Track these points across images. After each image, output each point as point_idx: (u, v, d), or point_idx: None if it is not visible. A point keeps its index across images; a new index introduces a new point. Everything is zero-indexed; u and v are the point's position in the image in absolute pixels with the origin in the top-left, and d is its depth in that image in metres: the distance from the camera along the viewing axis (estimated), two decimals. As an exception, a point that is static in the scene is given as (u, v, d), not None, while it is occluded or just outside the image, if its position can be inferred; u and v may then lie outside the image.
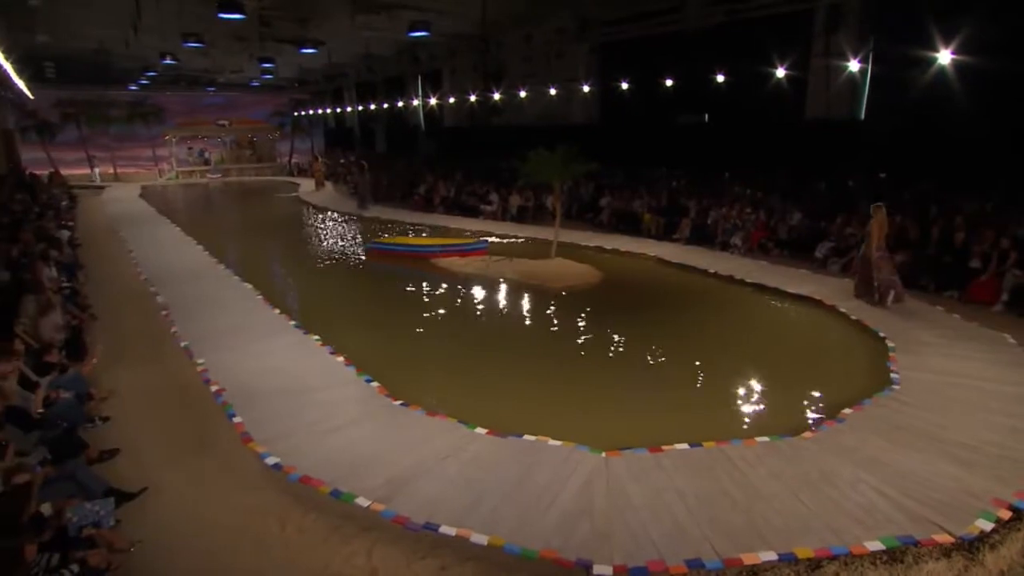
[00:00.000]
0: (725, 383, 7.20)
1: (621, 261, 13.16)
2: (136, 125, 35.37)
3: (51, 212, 16.45)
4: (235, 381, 6.85)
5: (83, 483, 4.54)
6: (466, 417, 6.02)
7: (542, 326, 9.41)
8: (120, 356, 7.76)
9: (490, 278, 11.79)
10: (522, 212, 18.26)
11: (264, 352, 7.71)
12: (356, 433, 5.76)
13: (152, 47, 21.33)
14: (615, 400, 6.77)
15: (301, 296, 11.35)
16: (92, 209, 22.69)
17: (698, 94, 17.51)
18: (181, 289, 10.73)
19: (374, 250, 14.38)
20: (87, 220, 19.64)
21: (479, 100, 23.55)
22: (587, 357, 8.04)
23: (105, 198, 26.28)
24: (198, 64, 27.81)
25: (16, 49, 17.62)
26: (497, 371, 7.57)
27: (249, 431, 5.78)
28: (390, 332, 9.02)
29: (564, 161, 11.47)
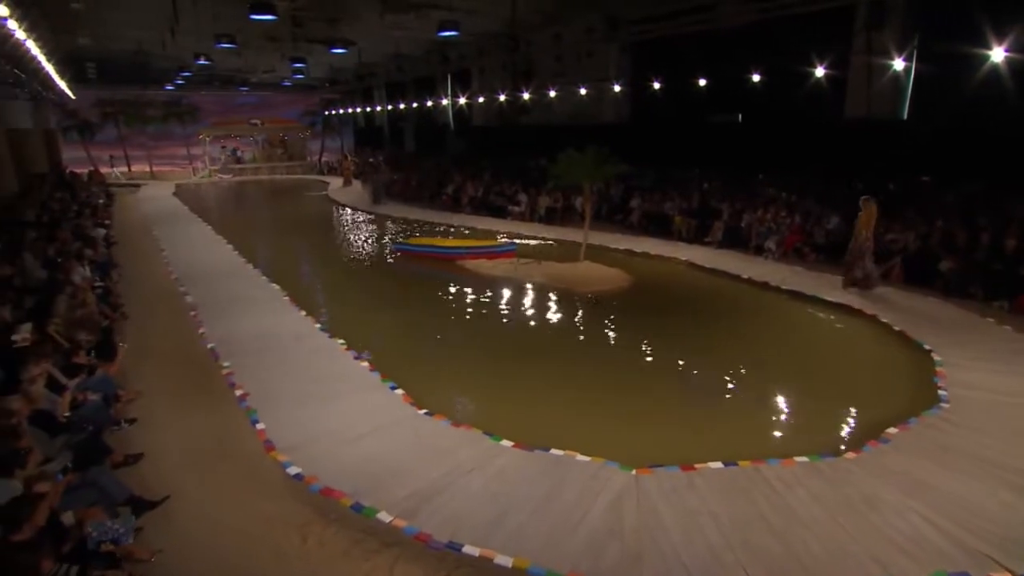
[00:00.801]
0: (760, 396, 6.93)
1: (651, 265, 12.90)
2: (172, 124, 36.04)
3: (88, 210, 16.72)
4: (260, 386, 6.81)
5: (106, 490, 4.50)
6: (491, 427, 5.87)
7: (570, 332, 9.23)
8: (148, 356, 7.81)
9: (517, 281, 11.64)
10: (550, 213, 18.04)
11: (289, 356, 7.68)
12: (379, 443, 5.65)
13: (188, 48, 21.61)
14: (644, 411, 6.55)
15: (327, 297, 11.33)
16: (128, 207, 23.10)
17: (731, 93, 17.09)
18: (210, 289, 10.79)
19: (401, 251, 14.33)
20: (123, 218, 20.00)
21: (508, 99, 23.40)
22: (615, 365, 7.84)
23: (141, 196, 26.74)
24: (231, 64, 28.15)
25: (59, 51, 18.00)
26: (523, 378, 7.41)
27: (272, 438, 5.71)
28: (415, 336, 8.92)
29: (595, 162, 11.25)
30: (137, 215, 20.82)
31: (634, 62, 20.55)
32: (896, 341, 8.17)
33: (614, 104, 21.11)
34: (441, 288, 11.51)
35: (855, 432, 5.96)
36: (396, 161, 32.37)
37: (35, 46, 13.51)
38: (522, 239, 15.23)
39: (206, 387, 6.94)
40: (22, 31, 11.37)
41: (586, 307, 10.26)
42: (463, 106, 27.41)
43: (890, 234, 11.33)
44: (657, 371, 7.62)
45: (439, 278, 12.19)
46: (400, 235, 16.82)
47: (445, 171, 25.47)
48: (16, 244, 10.76)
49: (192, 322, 9.05)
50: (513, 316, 10.02)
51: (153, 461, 5.48)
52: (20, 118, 21.04)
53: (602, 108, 21.47)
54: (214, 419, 6.22)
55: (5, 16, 9.47)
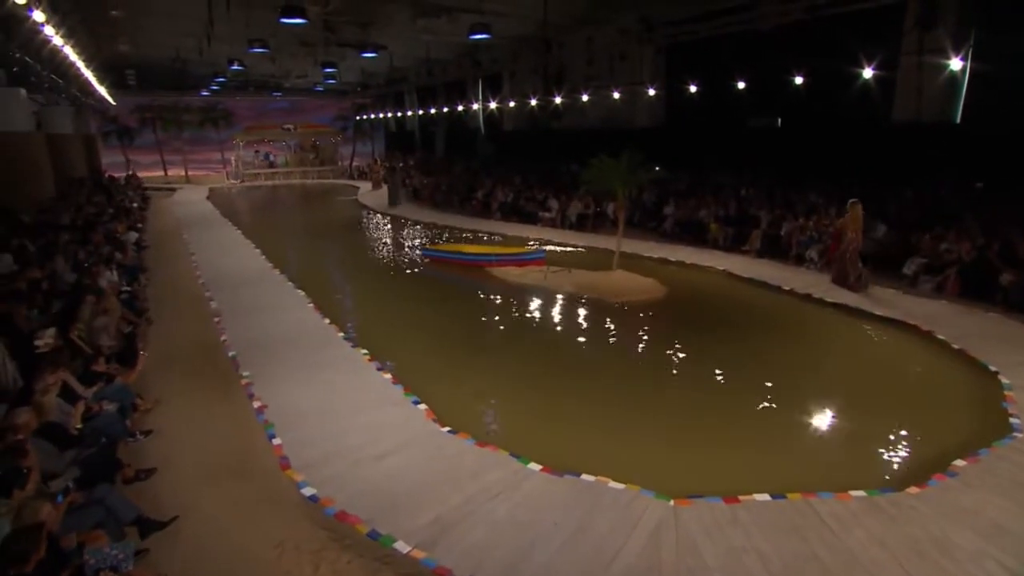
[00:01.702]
0: (808, 420, 6.46)
1: (686, 274, 12.49)
2: (207, 129, 36.64)
3: (122, 214, 16.89)
4: (278, 397, 6.60)
5: (112, 509, 4.28)
6: (518, 447, 5.55)
7: (601, 345, 8.88)
8: (170, 363, 7.70)
9: (547, 290, 11.36)
10: (582, 219, 17.68)
11: (310, 366, 7.49)
12: (400, 463, 5.35)
13: (223, 54, 21.89)
14: (682, 433, 6.14)
15: (351, 304, 11.19)
16: (162, 211, 23.47)
17: (771, 96, 16.58)
18: (235, 294, 10.72)
19: (429, 256, 14.17)
20: (157, 222, 20.26)
21: (540, 103, 23.14)
22: (650, 381, 7.44)
23: (175, 200, 27.18)
24: (265, 70, 28.52)
25: (99, 57, 18.31)
26: (552, 395, 7.07)
27: (288, 455, 5.46)
28: (440, 347, 8.65)
29: (629, 168, 10.88)
30: (170, 219, 21.09)
31: (669, 65, 20.15)
32: (956, 360, 7.57)
33: (648, 108, 20.73)
34: (468, 296, 11.31)
35: (917, 463, 5.43)
36: (426, 165, 32.47)
37: (73, 52, 13.65)
38: (552, 246, 15.00)
39: (225, 397, 6.77)
40: (60, 37, 11.45)
41: (619, 318, 9.88)
42: (494, 110, 27.24)
43: (944, 244, 10.68)
44: (695, 389, 7.19)
45: (467, 285, 12.01)
46: (428, 240, 16.68)
47: (475, 176, 25.37)
48: (50, 247, 10.83)
49: (215, 329, 8.95)
50: (542, 327, 9.71)
51: (166, 476, 5.30)
52: (61, 123, 21.51)
53: (635, 112, 21.09)
54: (231, 432, 6.02)
55: (42, 22, 9.46)
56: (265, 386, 6.88)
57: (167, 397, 6.73)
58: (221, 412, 6.44)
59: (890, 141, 13.95)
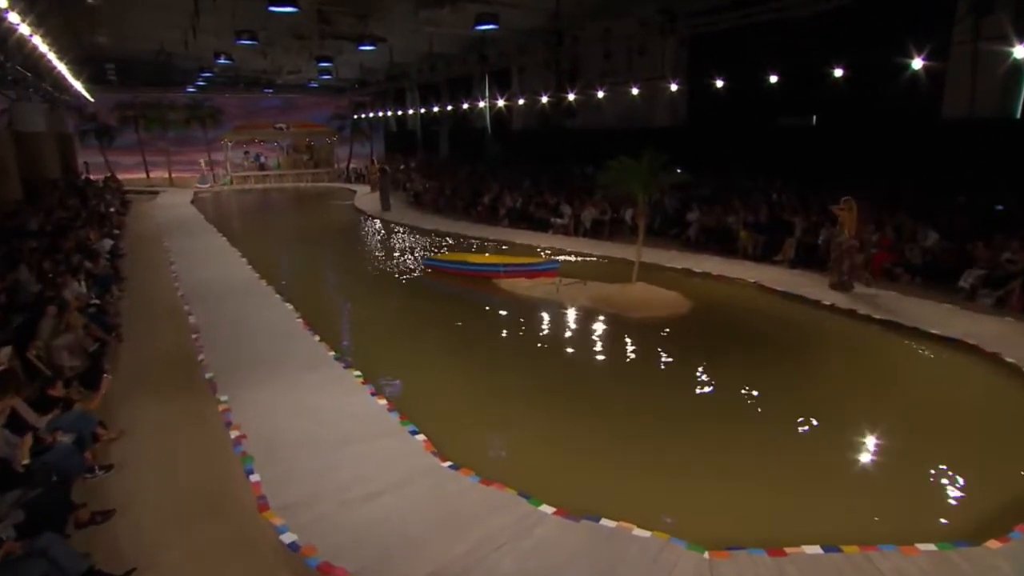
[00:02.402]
0: (861, 457, 6.10)
1: (714, 287, 12.21)
2: (193, 128, 36.67)
3: (97, 219, 16.75)
4: (259, 426, 6.31)
5: (58, 562, 3.97)
6: (529, 484, 5.23)
7: (620, 366, 8.59)
8: (140, 385, 7.48)
9: (560, 304, 11.14)
10: (597, 226, 17.50)
11: (297, 389, 7.22)
12: (394, 504, 5.03)
13: (211, 48, 21.83)
14: (715, 471, 5.77)
15: (345, 321, 10.99)
16: (143, 215, 23.48)
17: (805, 91, 16.24)
18: (217, 308, 10.54)
19: (431, 267, 13.99)
20: (136, 227, 20.25)
21: (551, 101, 22.96)
22: (676, 409, 7.10)
23: (157, 204, 27.18)
24: (256, 65, 28.47)
25: (75, 49, 18.24)
26: (566, 423, 6.75)
27: (267, 494, 5.14)
28: (441, 369, 8.41)
29: (650, 170, 10.60)
30: (151, 224, 21.07)
31: (692, 58, 19.88)
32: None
33: (669, 105, 20.48)
34: (473, 311, 11.14)
35: (996, 511, 5.02)
36: (428, 168, 32.40)
37: (44, 43, 13.52)
38: (565, 255, 14.85)
39: (200, 425, 6.49)
40: (28, 25, 11.30)
41: (640, 336, 9.60)
42: (502, 108, 27.11)
43: (1006, 253, 10.28)
44: (727, 418, 6.83)
45: (471, 299, 11.88)
46: (430, 249, 16.55)
47: (481, 179, 25.30)
48: (14, 255, 10.63)
49: (192, 347, 8.72)
50: (555, 346, 9.42)
51: (127, 518, 5.01)
52: (32, 120, 21.48)
53: (655, 110, 20.86)
54: (204, 466, 5.74)
55: (5, 7, 9.28)
56: (244, 412, 6.61)
57: (134, 425, 6.46)
58: (194, 442, 6.17)
59: (939, 139, 13.58)
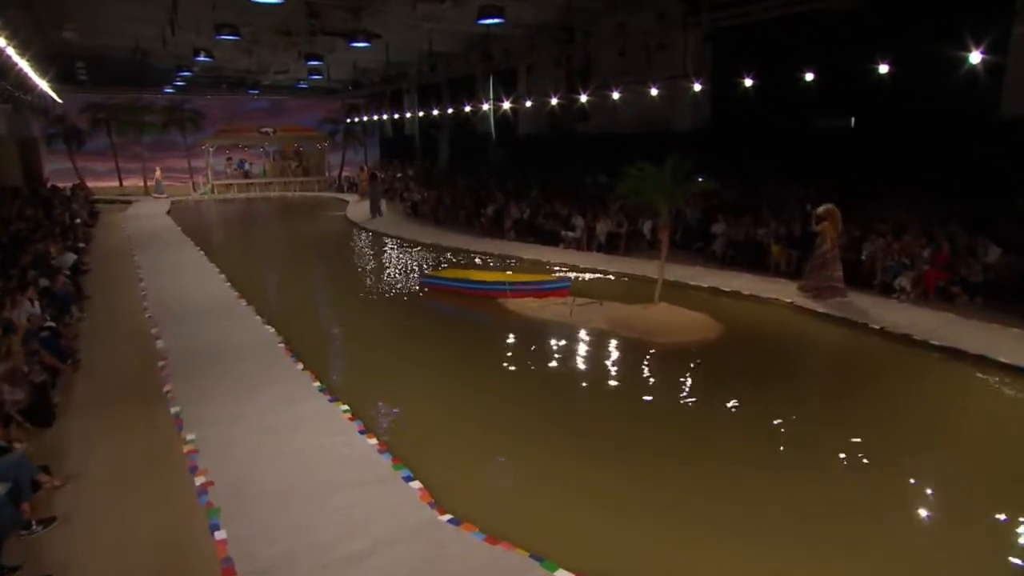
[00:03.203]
0: (921, 513, 5.66)
1: (745, 308, 11.91)
2: (172, 133, 36.56)
3: (59, 231, 16.54)
4: (229, 471, 5.98)
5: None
6: (542, 545, 4.88)
7: (645, 400, 8.19)
8: (93, 422, 7.15)
9: (573, 327, 10.84)
10: (612, 240, 17.19)
11: (275, 427, 6.89)
12: (384, 567, 4.65)
13: (191, 45, 21.69)
14: (762, 526, 5.34)
15: (332, 346, 10.72)
16: (113, 226, 23.33)
17: (843, 90, 15.98)
18: (188, 331, 10.32)
19: (429, 285, 13.76)
20: (105, 240, 20.06)
21: (562, 103, 22.67)
22: (713, 451, 6.70)
23: (129, 214, 27.07)
24: (240, 64, 28.40)
25: (38, 44, 18.08)
26: (583, 467, 6.36)
27: (234, 555, 4.77)
28: (441, 401, 8.06)
29: (675, 178, 10.34)
30: (121, 236, 20.93)
31: (717, 55, 19.71)
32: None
33: (691, 107, 20.28)
34: (476, 335, 10.95)
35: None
36: (427, 176, 32.25)
37: (2, 36, 13.31)
38: (577, 272, 14.70)
39: (160, 469, 6.14)
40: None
41: (663, 365, 9.25)
42: (507, 111, 26.78)
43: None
44: (772, 464, 6.43)
45: (474, 321, 11.77)
46: (429, 265, 16.37)
47: (485, 188, 25.11)
48: (-36, 272, 10.35)
49: (158, 376, 8.42)
50: (570, 376, 9.08)
51: (69, 584, 4.61)
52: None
53: (676, 112, 20.67)
54: (162, 520, 5.37)
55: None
56: (213, 455, 6.28)
57: (84, 469, 6.12)
58: (153, 490, 5.81)
59: (998, 140, 13.20)
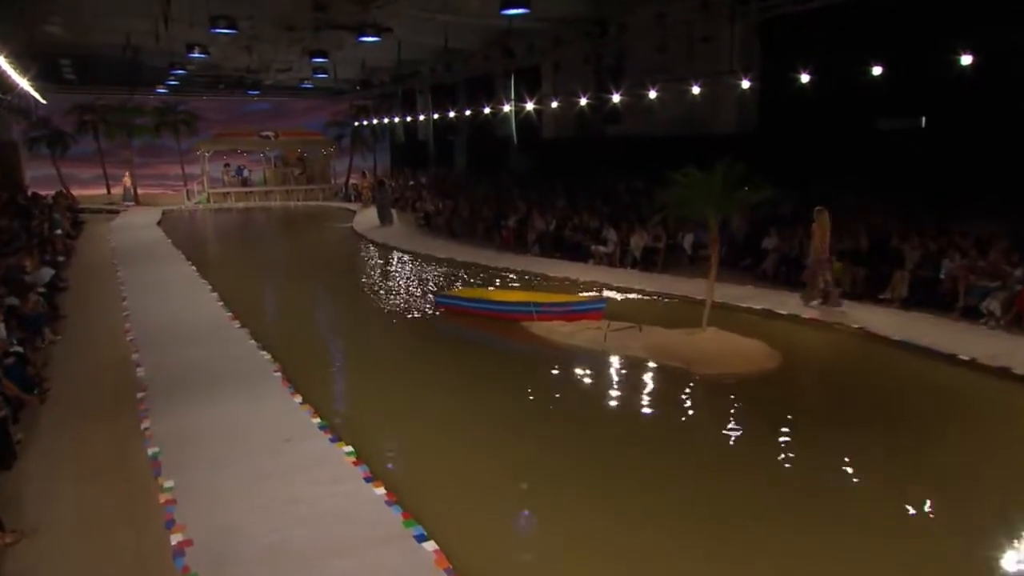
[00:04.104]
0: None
1: (805, 334, 11.57)
2: (165, 136, 36.75)
3: (36, 243, 16.55)
4: (212, 526, 5.67)
5: None
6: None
7: (690, 441, 7.83)
8: (60, 464, 6.94)
9: (608, 356, 10.61)
10: (649, 255, 16.87)
11: (267, 472, 6.59)
12: (390, 656, 4.21)
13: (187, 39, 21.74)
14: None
15: (335, 375, 10.53)
16: (98, 238, 23.54)
17: (913, 86, 15.54)
18: (174, 357, 10.23)
19: (444, 306, 13.63)
20: (88, 253, 20.17)
21: (591, 103, 22.57)
22: (769, 503, 6.30)
23: (117, 225, 27.28)
24: (239, 62, 28.52)
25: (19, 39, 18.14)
26: (626, 524, 5.99)
27: (213, 636, 4.35)
28: (458, 441, 7.76)
29: (727, 186, 10.02)
30: (106, 249, 21.06)
31: (766, 48, 19.47)
32: None
33: (736, 106, 20.03)
34: (498, 363, 10.77)
35: None
36: (442, 184, 32.24)
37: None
38: (611, 291, 14.55)
39: (133, 522, 5.86)
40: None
41: (715, 401, 8.90)
42: (530, 113, 26.77)
43: None
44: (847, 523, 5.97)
45: (495, 348, 11.62)
46: (444, 283, 16.25)
47: (506, 197, 25.01)
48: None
49: (136, 410, 8.18)
50: (604, 413, 8.77)
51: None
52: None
53: (719, 112, 20.42)
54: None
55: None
56: (194, 506, 5.99)
57: (44, 521, 5.86)
58: (122, 548, 5.50)
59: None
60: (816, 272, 12.22)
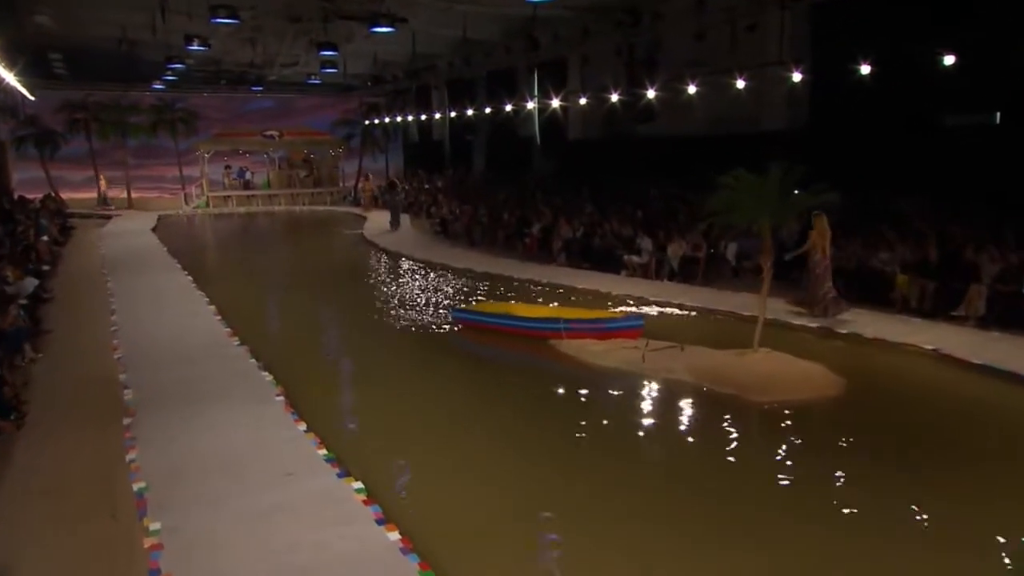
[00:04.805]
0: None
1: (870, 356, 11.22)
2: (161, 136, 37.02)
3: (20, 250, 16.67)
4: None
5: None
6: None
7: (744, 481, 7.47)
8: (35, 501, 6.71)
9: (647, 379, 10.38)
10: (688, 266, 16.67)
11: (265, 512, 6.33)
12: None
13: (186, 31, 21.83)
14: None
15: (343, 399, 10.37)
16: (87, 245, 23.72)
17: (986, 78, 15.26)
18: (166, 379, 10.06)
19: (462, 321, 13.53)
20: (76, 262, 20.26)
21: (623, 99, 22.45)
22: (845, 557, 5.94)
23: (108, 231, 27.49)
24: (241, 56, 28.68)
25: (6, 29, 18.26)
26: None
27: None
28: (481, 476, 7.52)
29: (782, 191, 9.78)
30: (96, 257, 21.18)
31: (819, 36, 19.39)
32: None
33: (784, 101, 20.07)
34: (522, 388, 10.46)
35: None
36: (460, 187, 32.34)
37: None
38: (648, 306, 14.48)
39: (114, 570, 5.62)
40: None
41: (772, 434, 8.55)
42: (556, 111, 26.66)
43: None
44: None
45: (519, 369, 11.55)
46: (462, 296, 16.16)
47: (529, 202, 25.03)
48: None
49: (122, 440, 7.94)
50: (643, 446, 8.53)
51: None
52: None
53: (765, 108, 20.51)
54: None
55: None
56: (184, 551, 5.72)
57: (14, 569, 5.64)
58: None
59: None
60: (818, 281, 12.70)
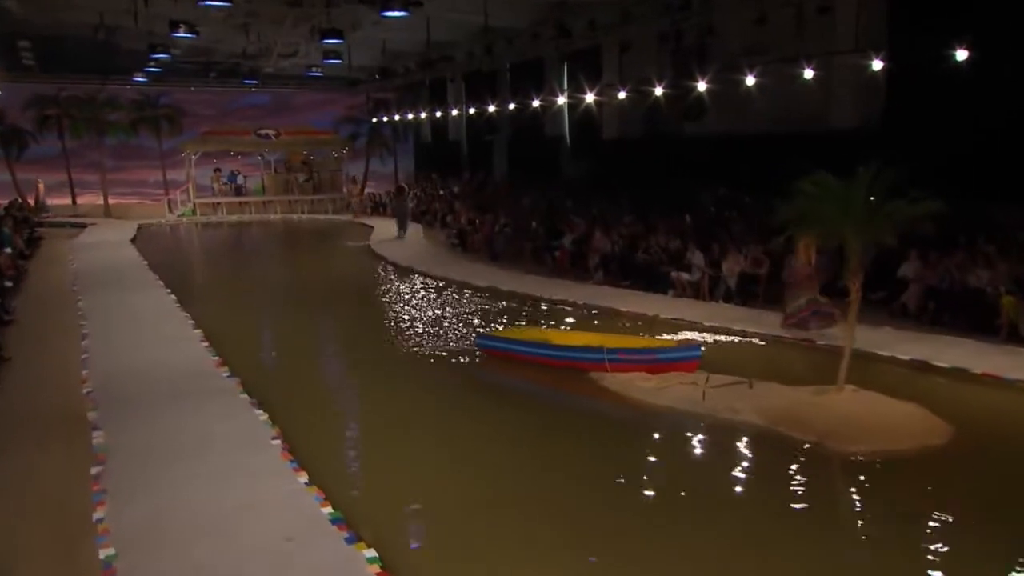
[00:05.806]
0: None
1: (980, 395, 10.80)
2: (143, 135, 37.29)
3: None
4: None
5: None
6: None
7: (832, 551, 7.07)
8: None
9: (708, 421, 10.11)
10: (747, 285, 16.38)
11: None
12: None
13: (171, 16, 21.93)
14: None
15: (351, 444, 10.11)
16: (57, 258, 23.84)
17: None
18: (142, 419, 9.86)
19: (487, 349, 13.35)
20: (43, 277, 20.33)
21: (667, 94, 22.48)
22: None
23: (81, 242, 27.66)
24: (234, 45, 28.99)
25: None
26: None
27: None
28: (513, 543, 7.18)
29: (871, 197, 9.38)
30: (65, 272, 21.25)
31: (895, 21, 19.16)
32: None
33: (856, 95, 19.94)
34: (560, 430, 10.23)
35: None
36: (480, 194, 32.56)
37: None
38: (702, 332, 14.31)
39: None
40: None
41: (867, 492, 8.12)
42: (589, 106, 26.61)
43: None
44: None
45: (555, 407, 11.33)
46: (486, 320, 15.95)
47: (559, 211, 25.01)
48: None
49: (89, 494, 7.68)
50: (706, 502, 8.11)
51: None
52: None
53: (834, 102, 20.42)
54: None
55: None
56: None
57: None
58: None
59: None
60: (792, 292, 13.14)
